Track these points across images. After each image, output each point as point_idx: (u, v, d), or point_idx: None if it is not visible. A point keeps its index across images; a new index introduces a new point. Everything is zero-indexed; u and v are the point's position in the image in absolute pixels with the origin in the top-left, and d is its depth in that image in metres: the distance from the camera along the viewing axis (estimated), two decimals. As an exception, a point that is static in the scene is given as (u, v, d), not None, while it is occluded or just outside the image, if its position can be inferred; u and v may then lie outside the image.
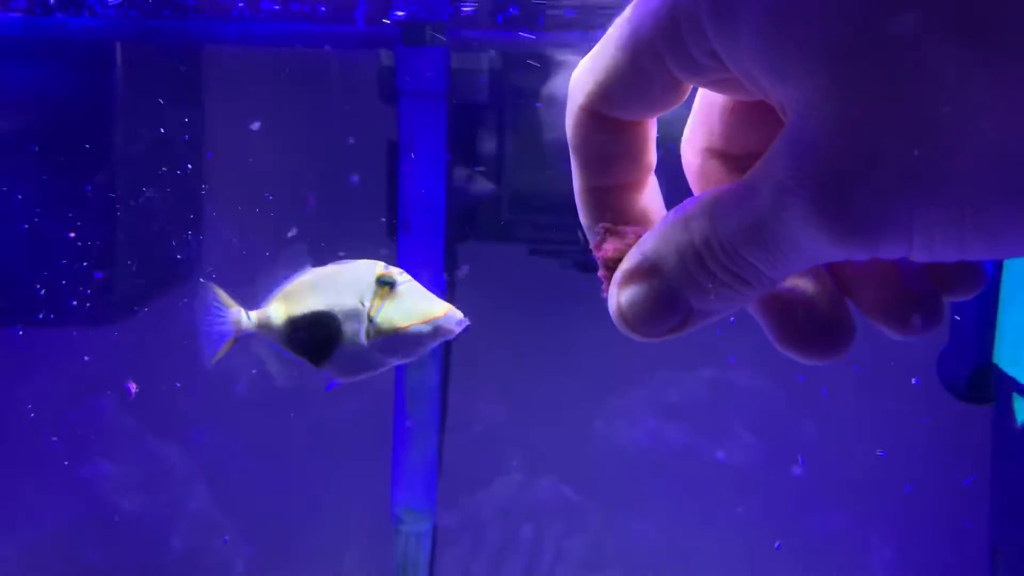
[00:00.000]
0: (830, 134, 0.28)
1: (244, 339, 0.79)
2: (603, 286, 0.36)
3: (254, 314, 0.77)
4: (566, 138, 0.37)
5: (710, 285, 0.32)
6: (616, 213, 0.37)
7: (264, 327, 0.76)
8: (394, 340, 0.69)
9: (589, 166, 0.37)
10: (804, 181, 0.29)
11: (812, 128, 0.29)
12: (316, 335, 0.72)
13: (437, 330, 0.69)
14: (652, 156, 0.37)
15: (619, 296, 0.35)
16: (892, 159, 0.28)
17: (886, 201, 0.28)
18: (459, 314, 0.71)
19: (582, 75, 0.35)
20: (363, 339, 0.70)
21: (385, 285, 0.69)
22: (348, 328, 0.70)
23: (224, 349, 0.78)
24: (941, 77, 0.26)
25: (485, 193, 1.83)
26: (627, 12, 0.33)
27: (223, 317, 0.77)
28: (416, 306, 0.69)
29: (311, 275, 0.74)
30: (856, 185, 0.28)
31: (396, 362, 0.73)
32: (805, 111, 0.29)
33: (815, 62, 0.28)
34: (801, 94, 0.29)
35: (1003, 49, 0.26)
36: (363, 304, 0.69)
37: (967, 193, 0.27)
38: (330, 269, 0.74)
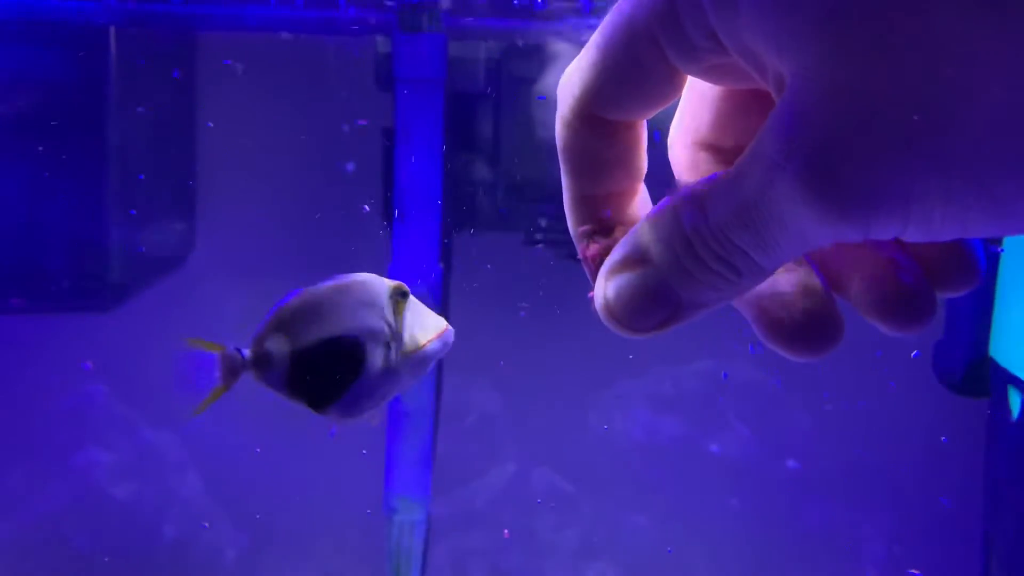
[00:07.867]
0: (823, 100, 0.27)
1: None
2: (592, 288, 0.35)
3: (249, 351, 0.62)
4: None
5: (699, 274, 0.31)
6: (607, 222, 0.36)
7: (261, 367, 0.61)
8: (417, 360, 0.59)
9: (580, 174, 0.36)
10: (792, 153, 0.27)
11: (805, 97, 0.27)
12: (332, 368, 0.59)
13: (444, 344, 0.60)
14: (643, 162, 0.37)
15: (605, 288, 0.34)
16: (888, 124, 0.26)
17: (880, 169, 0.26)
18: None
19: (571, 78, 0.35)
20: (392, 364, 0.59)
21: (403, 298, 0.59)
22: (374, 353, 0.59)
23: (210, 399, 0.62)
24: (946, 39, 0.25)
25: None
26: (616, 8, 0.33)
27: (206, 362, 0.62)
28: (428, 319, 0.60)
29: (307, 296, 0.60)
30: (847, 152, 0.27)
31: (405, 389, 0.62)
32: (800, 81, 0.28)
33: (815, 26, 0.27)
34: (798, 63, 0.28)
35: (1016, 10, 0.25)
36: (388, 322, 0.59)
37: (972, 160, 0.26)
38: (332, 286, 0.60)
